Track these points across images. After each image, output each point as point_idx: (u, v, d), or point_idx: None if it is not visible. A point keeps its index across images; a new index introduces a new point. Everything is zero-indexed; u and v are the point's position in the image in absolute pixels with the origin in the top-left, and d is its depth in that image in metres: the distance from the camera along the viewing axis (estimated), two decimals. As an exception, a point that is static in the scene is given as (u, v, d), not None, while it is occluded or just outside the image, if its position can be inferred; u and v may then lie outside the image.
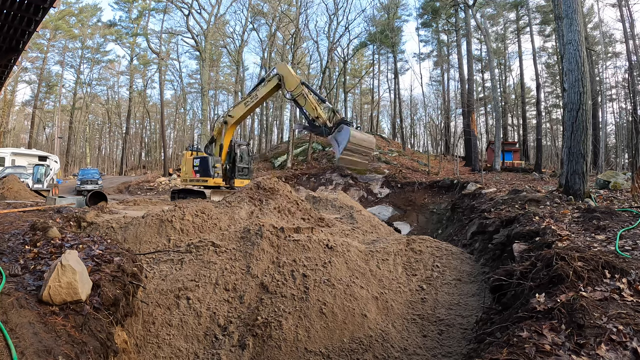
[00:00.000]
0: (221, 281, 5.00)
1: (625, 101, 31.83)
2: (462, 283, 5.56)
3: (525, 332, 2.51)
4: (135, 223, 6.60)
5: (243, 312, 4.57)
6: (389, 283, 5.42)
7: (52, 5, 6.53)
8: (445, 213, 16.07)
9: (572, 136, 8.29)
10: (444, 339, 4.43)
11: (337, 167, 25.05)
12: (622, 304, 2.67)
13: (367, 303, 4.69)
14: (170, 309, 4.65)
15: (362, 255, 5.80)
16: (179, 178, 22.49)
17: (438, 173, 23.05)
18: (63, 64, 43.98)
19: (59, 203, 10.27)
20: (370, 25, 38.78)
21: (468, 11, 26.53)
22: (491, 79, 28.55)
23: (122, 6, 43.01)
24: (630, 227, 4.75)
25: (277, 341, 4.13)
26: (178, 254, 5.71)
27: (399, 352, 4.18)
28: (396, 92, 39.11)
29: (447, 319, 4.74)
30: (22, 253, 3.80)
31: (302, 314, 4.39)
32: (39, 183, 19.04)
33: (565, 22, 8.73)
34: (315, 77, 45.98)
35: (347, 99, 48.04)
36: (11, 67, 9.26)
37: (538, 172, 21.53)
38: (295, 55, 35.41)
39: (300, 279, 4.87)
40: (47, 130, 50.35)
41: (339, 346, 4.17)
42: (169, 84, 52.84)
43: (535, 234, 5.32)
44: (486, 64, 35.61)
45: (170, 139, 55.03)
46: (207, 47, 33.22)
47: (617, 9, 26.48)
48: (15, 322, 2.35)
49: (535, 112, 29.51)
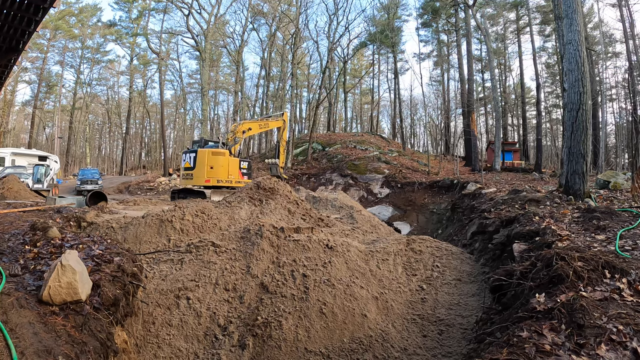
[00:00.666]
0: (221, 281, 5.01)
1: (625, 101, 31.84)
2: (462, 283, 5.56)
3: (525, 332, 2.51)
4: (135, 223, 6.60)
5: (243, 312, 4.58)
6: (389, 283, 5.42)
7: (52, 5, 6.53)
8: (445, 213, 16.08)
9: (572, 136, 8.29)
10: (444, 339, 4.43)
11: (337, 167, 25.07)
12: (622, 304, 2.67)
13: (367, 303, 4.69)
14: (170, 309, 4.65)
15: (362, 255, 5.80)
16: (178, 178, 21.87)
17: (438, 173, 23.05)
18: (63, 64, 44.02)
19: (59, 203, 10.27)
20: (370, 25, 38.82)
21: (468, 11, 26.53)
22: (491, 79, 28.55)
23: (122, 6, 43.04)
24: (630, 227, 4.75)
25: (277, 341, 4.13)
26: (178, 254, 5.71)
27: (399, 352, 4.18)
28: (396, 92, 39.13)
29: (447, 319, 4.74)
30: (22, 253, 3.80)
31: (303, 314, 4.39)
32: (39, 183, 19.04)
33: (565, 22, 8.73)
34: (315, 77, 45.97)
35: (347, 99, 48.14)
36: (11, 67, 9.26)
37: (538, 172, 21.53)
38: (295, 55, 35.42)
39: (300, 279, 4.87)
40: (47, 130, 50.35)
41: (339, 346, 4.17)
42: (169, 84, 52.88)
43: (535, 234, 5.32)
44: (486, 64, 35.62)
45: (170, 139, 55.02)
46: (207, 47, 33.24)
47: (617, 9, 26.48)
48: (15, 322, 2.35)
49: (535, 112, 29.51)
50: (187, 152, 14.01)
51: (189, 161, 13.54)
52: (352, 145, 30.15)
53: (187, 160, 13.63)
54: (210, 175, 13.13)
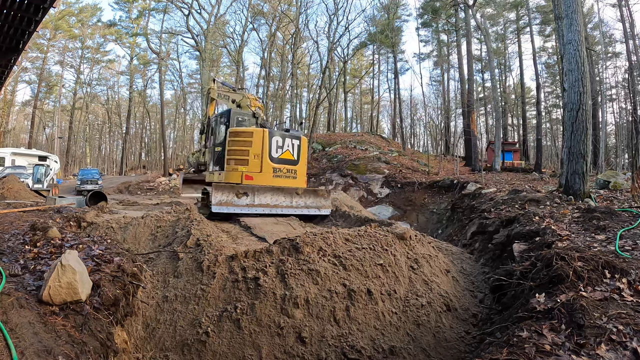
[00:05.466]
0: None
1: (625, 101, 31.85)
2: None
3: (525, 332, 2.51)
4: (135, 223, 6.59)
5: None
6: (387, 281, 5.40)
7: (52, 5, 6.54)
8: (445, 213, 16.08)
9: (572, 136, 8.29)
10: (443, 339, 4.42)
11: (337, 167, 25.07)
12: (622, 304, 2.67)
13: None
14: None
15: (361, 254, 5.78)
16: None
17: (438, 173, 23.04)
18: (63, 64, 44.00)
19: (59, 203, 10.26)
20: (370, 25, 38.84)
21: (468, 11, 26.52)
22: (491, 79, 28.57)
23: (122, 6, 43.04)
24: (630, 227, 4.75)
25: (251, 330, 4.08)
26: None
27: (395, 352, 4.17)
28: (396, 92, 39.17)
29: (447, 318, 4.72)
30: (22, 253, 3.80)
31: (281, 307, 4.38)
32: (39, 183, 19.03)
33: (565, 22, 8.73)
34: (315, 77, 45.99)
35: (347, 99, 48.16)
36: (11, 67, 9.27)
37: (538, 172, 21.53)
38: (295, 55, 35.44)
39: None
40: (47, 130, 50.35)
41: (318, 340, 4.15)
42: (169, 84, 52.88)
43: (535, 234, 5.32)
44: (486, 64, 35.62)
45: (170, 139, 55.06)
46: (207, 47, 33.23)
47: (617, 9, 26.49)
48: (15, 322, 2.35)
49: (535, 112, 29.52)
50: (278, 134, 8.66)
51: (290, 149, 8.78)
52: (352, 145, 30.15)
53: (288, 148, 8.72)
54: (305, 173, 9.53)
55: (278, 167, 8.49)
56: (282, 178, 8.55)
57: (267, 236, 6.16)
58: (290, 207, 8.37)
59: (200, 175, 10.61)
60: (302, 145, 8.96)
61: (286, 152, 8.66)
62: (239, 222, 7.38)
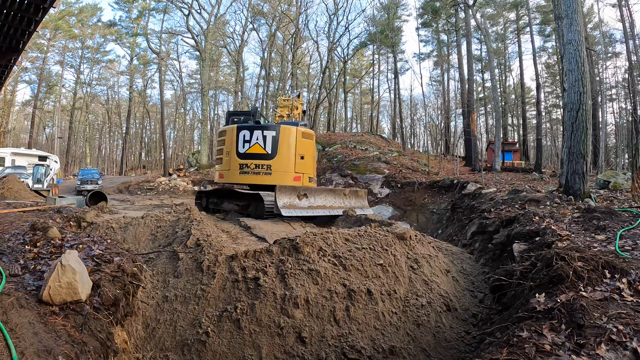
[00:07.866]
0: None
1: (625, 101, 31.87)
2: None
3: (525, 332, 2.51)
4: (135, 223, 6.60)
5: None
6: (387, 281, 5.40)
7: (52, 5, 6.54)
8: (445, 213, 16.07)
9: (572, 136, 8.29)
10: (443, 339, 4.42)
11: (337, 167, 25.08)
12: (622, 304, 2.67)
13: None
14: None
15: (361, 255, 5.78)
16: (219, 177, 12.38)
17: (438, 173, 23.04)
18: (63, 64, 44.04)
19: (59, 203, 10.26)
20: (370, 25, 38.89)
21: (468, 11, 26.52)
22: (491, 79, 28.57)
23: (122, 6, 43.10)
24: (630, 227, 4.75)
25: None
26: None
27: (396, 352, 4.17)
28: (396, 92, 39.13)
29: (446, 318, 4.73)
30: (22, 253, 3.80)
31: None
32: (39, 183, 19.02)
33: (565, 22, 8.73)
34: (315, 77, 46.03)
35: (347, 99, 48.18)
36: (11, 67, 9.27)
37: (538, 172, 21.52)
38: (295, 55, 35.47)
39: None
40: (47, 130, 50.38)
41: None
42: (169, 84, 52.93)
43: (535, 234, 5.32)
44: (486, 64, 35.63)
45: (170, 139, 55.12)
46: (207, 47, 33.22)
47: (617, 9, 26.49)
48: (15, 322, 2.35)
49: (535, 112, 29.50)
50: (246, 127, 8.17)
51: (260, 142, 8.10)
52: (352, 145, 30.14)
53: (257, 141, 8.09)
54: (300, 170, 8.40)
55: (244, 163, 7.95)
56: (250, 175, 7.97)
57: (267, 236, 6.17)
58: (341, 207, 8.28)
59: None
60: (282, 137, 8.04)
61: (254, 146, 7.98)
62: (239, 222, 7.39)
